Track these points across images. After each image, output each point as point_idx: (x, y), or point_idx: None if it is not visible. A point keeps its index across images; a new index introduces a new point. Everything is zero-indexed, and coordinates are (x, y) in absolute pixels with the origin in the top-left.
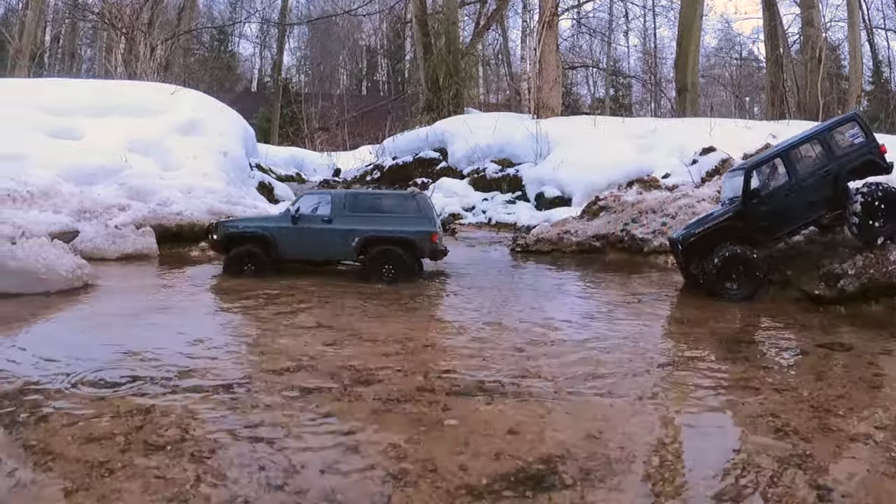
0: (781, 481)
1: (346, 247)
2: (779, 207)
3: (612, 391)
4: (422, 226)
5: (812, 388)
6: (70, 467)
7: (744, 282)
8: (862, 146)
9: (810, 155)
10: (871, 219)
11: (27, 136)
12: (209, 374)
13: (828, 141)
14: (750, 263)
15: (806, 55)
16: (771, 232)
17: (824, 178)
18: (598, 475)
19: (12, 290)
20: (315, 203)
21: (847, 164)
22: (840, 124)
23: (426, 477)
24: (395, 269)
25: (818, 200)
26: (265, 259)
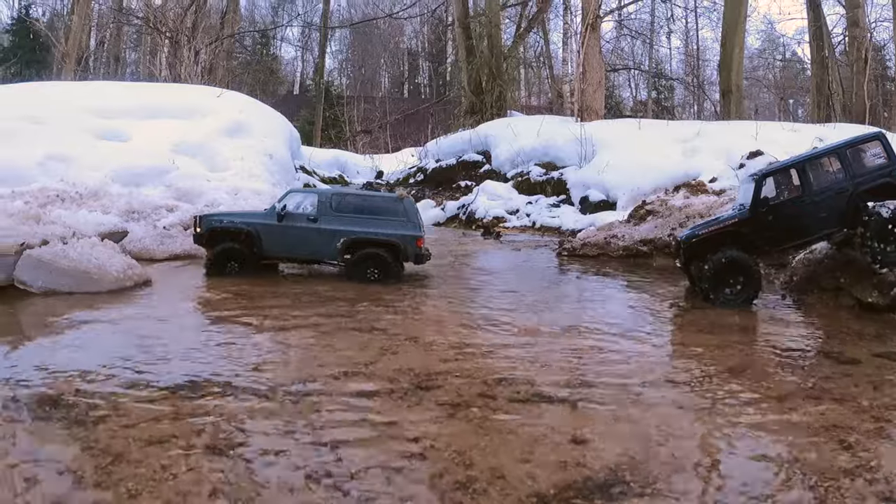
0: (847, 492)
1: (331, 247)
2: (787, 219)
3: (673, 399)
4: (408, 230)
5: (871, 397)
6: (132, 470)
7: (740, 289)
8: (882, 167)
9: (827, 169)
10: (883, 243)
11: (75, 137)
12: (269, 378)
13: (847, 157)
14: (748, 271)
15: (851, 56)
16: (776, 242)
17: (838, 195)
18: (665, 483)
19: (65, 289)
20: (302, 201)
21: (864, 183)
22: (862, 142)
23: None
24: (379, 271)
25: (829, 217)
26: (249, 256)
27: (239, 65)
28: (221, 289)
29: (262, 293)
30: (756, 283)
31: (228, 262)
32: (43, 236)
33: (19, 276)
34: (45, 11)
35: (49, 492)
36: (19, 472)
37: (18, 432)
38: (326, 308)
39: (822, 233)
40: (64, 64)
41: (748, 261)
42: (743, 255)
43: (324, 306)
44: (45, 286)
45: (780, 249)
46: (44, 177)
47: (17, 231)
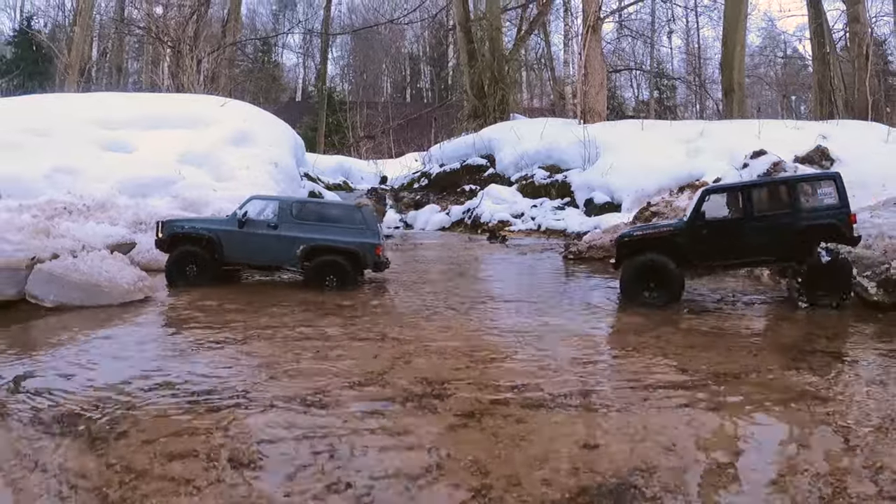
0: (856, 491)
1: (291, 254)
2: (721, 237)
3: (682, 402)
4: (366, 237)
5: (878, 397)
6: (155, 485)
7: (659, 292)
8: (831, 207)
9: (774, 199)
10: (814, 285)
11: (81, 149)
12: (285, 389)
13: (796, 191)
14: (667, 275)
15: (852, 52)
16: (706, 257)
17: (778, 226)
18: (676, 487)
19: (76, 303)
20: (263, 208)
21: (807, 219)
22: (816, 179)
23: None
24: (338, 279)
25: (764, 245)
26: (210, 261)
27: (241, 73)
28: (227, 299)
29: (267, 303)
30: (674, 290)
31: (187, 265)
32: (53, 250)
33: (31, 291)
34: (46, 23)
35: None
36: (43, 488)
37: (40, 448)
38: (336, 318)
39: (755, 258)
40: (67, 75)
41: (669, 267)
42: (666, 260)
43: (333, 316)
44: (56, 300)
45: (708, 265)
46: (51, 189)
47: (27, 245)
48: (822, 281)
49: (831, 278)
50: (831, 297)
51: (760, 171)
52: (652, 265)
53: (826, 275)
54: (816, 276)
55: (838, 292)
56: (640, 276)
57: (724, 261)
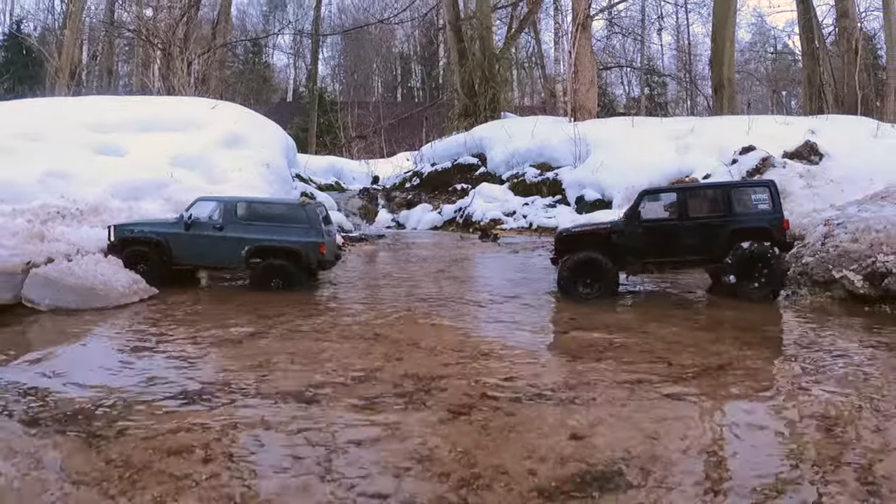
0: (834, 478)
1: (236, 254)
2: (656, 236)
3: (666, 394)
4: (309, 236)
5: (860, 388)
6: (155, 479)
7: (595, 287)
8: (763, 213)
9: (709, 202)
10: (746, 279)
11: (73, 153)
12: (279, 385)
13: (731, 196)
14: (603, 271)
15: (842, 47)
16: (640, 255)
17: (710, 228)
18: (660, 475)
19: (72, 306)
20: (209, 209)
21: (740, 223)
22: (752, 185)
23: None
24: (283, 281)
25: (697, 246)
26: (160, 263)
27: (232, 74)
28: (222, 300)
29: (259, 303)
30: (609, 285)
31: (138, 264)
32: (48, 254)
33: (27, 295)
34: (36, 26)
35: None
36: (44, 486)
37: (40, 447)
38: (329, 316)
39: (688, 258)
40: (57, 78)
41: (605, 263)
42: (601, 257)
43: (325, 315)
44: (52, 304)
45: (642, 263)
46: (44, 194)
47: (22, 250)
48: (752, 274)
49: (761, 271)
50: (762, 289)
51: (749, 167)
52: (588, 261)
53: (756, 268)
54: (745, 269)
55: (769, 285)
56: (577, 272)
57: (657, 258)
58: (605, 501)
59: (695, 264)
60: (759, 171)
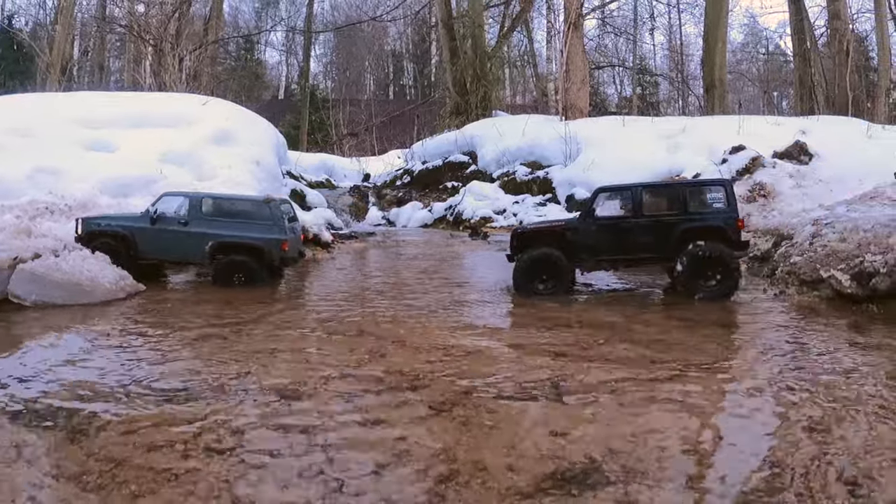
0: (815, 477)
1: (200, 250)
2: (610, 234)
3: (650, 394)
4: (273, 233)
5: (846, 387)
6: (135, 474)
7: (551, 283)
8: (718, 212)
9: (664, 201)
10: (697, 276)
11: (63, 149)
12: (261, 381)
13: (686, 195)
14: (557, 267)
15: (833, 48)
16: (594, 253)
17: (664, 227)
18: (639, 473)
19: (59, 302)
20: (175, 204)
21: (695, 222)
22: (706, 184)
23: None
24: (244, 276)
25: (650, 244)
26: (126, 257)
27: (223, 71)
28: (208, 297)
29: (245, 299)
30: (564, 281)
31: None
32: (35, 250)
33: (13, 290)
34: (27, 21)
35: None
36: (25, 480)
37: (22, 442)
38: (316, 312)
39: (641, 256)
40: (48, 74)
41: (560, 260)
42: (556, 253)
43: (314, 311)
44: (38, 299)
45: (596, 260)
46: (33, 190)
47: (9, 245)
48: (706, 273)
49: (713, 270)
50: (716, 289)
51: (739, 166)
52: (544, 258)
53: (710, 267)
54: (699, 268)
55: (723, 284)
56: (533, 269)
57: (611, 256)
58: (584, 499)
59: (649, 262)
60: (749, 171)
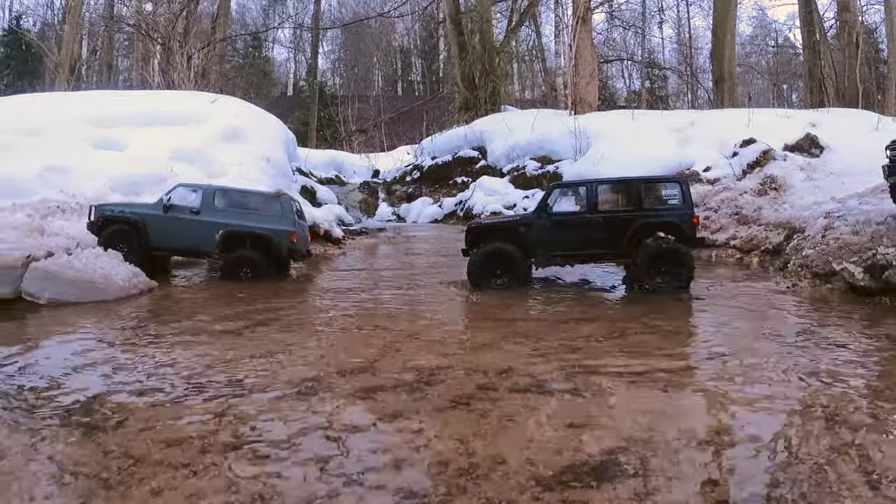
0: (833, 470)
1: (210, 239)
2: (564, 229)
3: (666, 385)
4: (282, 225)
5: (860, 379)
6: (153, 470)
7: (505, 277)
8: (673, 209)
9: (619, 197)
10: (652, 271)
11: (73, 148)
12: (279, 375)
13: (641, 191)
14: (512, 261)
15: (843, 41)
16: (548, 248)
17: (619, 223)
18: (658, 465)
19: (72, 299)
20: (188, 195)
21: (649, 218)
22: (662, 181)
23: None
24: (251, 271)
25: (605, 240)
26: (136, 243)
27: (232, 68)
28: (221, 293)
29: (257, 295)
30: (520, 275)
31: (117, 245)
32: (48, 248)
33: (27, 289)
34: (35, 21)
35: (74, 493)
36: (45, 477)
37: (38, 439)
38: (330, 308)
39: (596, 251)
40: (57, 74)
41: (514, 254)
42: (510, 248)
43: (328, 306)
44: (52, 297)
45: (550, 255)
46: (44, 188)
47: (22, 244)
48: (661, 268)
49: (668, 265)
50: (670, 283)
51: (750, 160)
52: (498, 253)
53: (664, 262)
54: (654, 263)
55: (677, 279)
56: (487, 263)
57: (565, 251)
58: (604, 490)
59: (603, 258)
60: (760, 164)
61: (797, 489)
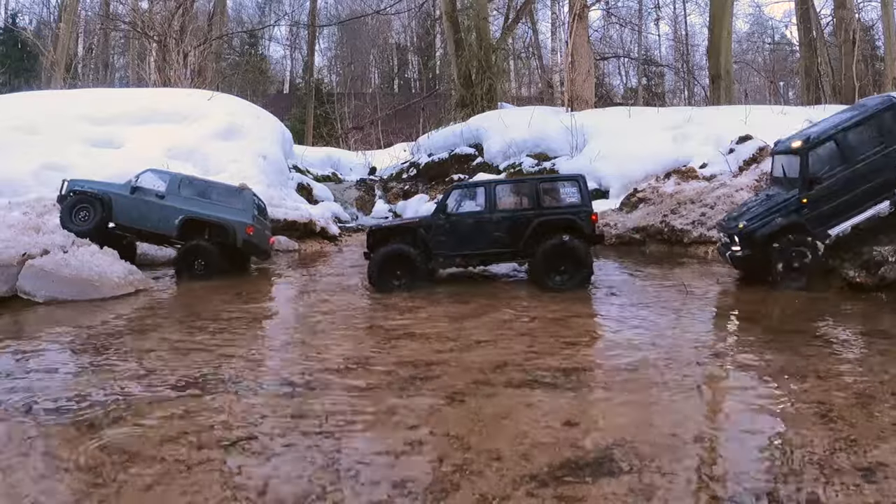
0: (828, 464)
1: (170, 223)
2: (461, 230)
3: (662, 381)
4: (240, 217)
5: (855, 375)
6: (149, 466)
7: (404, 279)
8: (572, 206)
9: (517, 196)
10: (551, 270)
11: (69, 146)
12: (276, 373)
13: (539, 190)
14: (410, 260)
15: (839, 38)
16: (446, 248)
17: (517, 222)
18: (652, 461)
19: (68, 297)
20: (157, 180)
21: (547, 216)
22: (560, 180)
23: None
24: (204, 262)
25: (503, 239)
26: (99, 218)
27: (228, 66)
28: (216, 290)
29: (253, 293)
30: (416, 275)
31: (80, 214)
32: (44, 246)
33: (22, 287)
34: (31, 20)
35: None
36: (39, 473)
37: (34, 435)
38: (325, 305)
39: (494, 251)
40: (53, 72)
41: (413, 256)
42: (408, 250)
43: (323, 303)
44: (47, 295)
45: (450, 256)
46: (39, 187)
47: (18, 242)
48: (559, 266)
49: (567, 262)
50: (569, 281)
51: (746, 156)
52: (396, 254)
53: (562, 259)
54: (552, 260)
55: (575, 276)
56: (385, 265)
57: (462, 252)
58: (599, 486)
59: (503, 258)
60: (756, 161)
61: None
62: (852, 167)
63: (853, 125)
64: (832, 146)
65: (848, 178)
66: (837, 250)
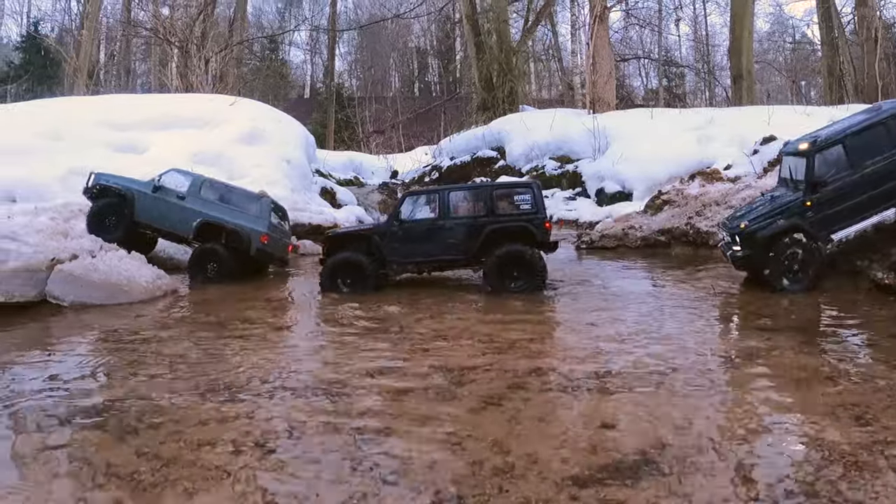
0: (866, 467)
1: (188, 225)
2: (414, 236)
3: (695, 384)
4: (256, 225)
5: (888, 377)
6: (186, 472)
7: (355, 285)
8: (525, 213)
9: (470, 203)
10: (505, 276)
11: (94, 151)
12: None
13: (492, 197)
14: (359, 266)
15: (861, 36)
16: (401, 255)
17: (470, 229)
18: (691, 464)
19: (96, 302)
20: (180, 181)
21: (500, 223)
22: (513, 187)
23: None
24: (217, 265)
25: (456, 246)
26: (125, 216)
27: (249, 71)
28: (243, 295)
29: (282, 298)
30: (365, 281)
31: (107, 219)
32: (72, 251)
33: (51, 292)
34: (53, 27)
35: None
36: (77, 481)
37: (71, 441)
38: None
39: (446, 258)
40: (75, 78)
41: (364, 263)
42: (358, 257)
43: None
44: (76, 300)
45: (403, 263)
46: (65, 192)
47: (46, 247)
48: (511, 273)
49: (521, 268)
50: (522, 287)
51: (771, 157)
52: (347, 262)
53: (514, 267)
54: (504, 266)
55: (528, 283)
56: (336, 272)
57: (415, 259)
58: (640, 489)
59: (456, 264)
60: (781, 161)
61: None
62: (860, 172)
63: (863, 129)
64: (840, 150)
65: (855, 182)
66: (865, 251)
